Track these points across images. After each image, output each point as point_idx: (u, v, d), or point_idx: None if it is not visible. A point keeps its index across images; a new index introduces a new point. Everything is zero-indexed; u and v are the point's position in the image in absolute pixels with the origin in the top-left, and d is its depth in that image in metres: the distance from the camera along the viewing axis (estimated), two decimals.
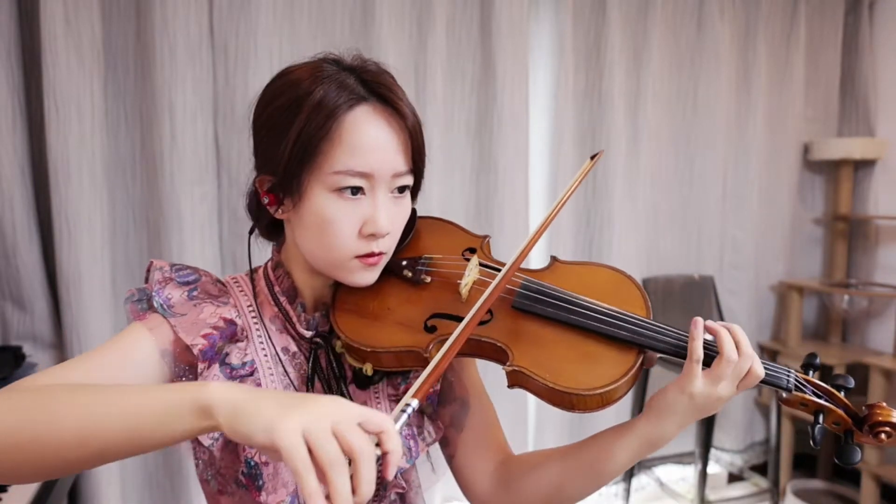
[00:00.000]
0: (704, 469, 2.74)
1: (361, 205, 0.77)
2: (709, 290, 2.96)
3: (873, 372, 2.59)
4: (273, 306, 0.85)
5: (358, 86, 0.77)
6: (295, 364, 0.85)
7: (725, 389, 0.76)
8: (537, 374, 0.76)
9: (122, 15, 2.04)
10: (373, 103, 0.77)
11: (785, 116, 3.04)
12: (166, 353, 0.77)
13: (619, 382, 0.76)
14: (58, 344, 2.07)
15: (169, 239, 2.07)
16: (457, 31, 2.45)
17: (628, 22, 2.71)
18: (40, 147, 2.00)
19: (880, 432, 0.77)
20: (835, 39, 3.11)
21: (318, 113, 0.75)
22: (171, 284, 0.81)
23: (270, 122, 0.79)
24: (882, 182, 3.06)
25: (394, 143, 0.78)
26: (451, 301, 0.84)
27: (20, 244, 1.96)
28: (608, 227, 2.72)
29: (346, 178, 0.76)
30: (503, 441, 0.96)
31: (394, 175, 0.78)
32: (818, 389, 0.80)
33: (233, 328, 0.81)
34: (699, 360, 0.76)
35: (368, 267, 0.80)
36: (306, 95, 0.76)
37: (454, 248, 0.92)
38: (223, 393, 0.59)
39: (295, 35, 2.22)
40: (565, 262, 0.91)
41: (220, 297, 0.83)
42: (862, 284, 3.03)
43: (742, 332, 0.78)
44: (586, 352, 0.79)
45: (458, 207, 2.52)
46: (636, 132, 2.76)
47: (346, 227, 0.77)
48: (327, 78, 0.77)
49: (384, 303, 0.85)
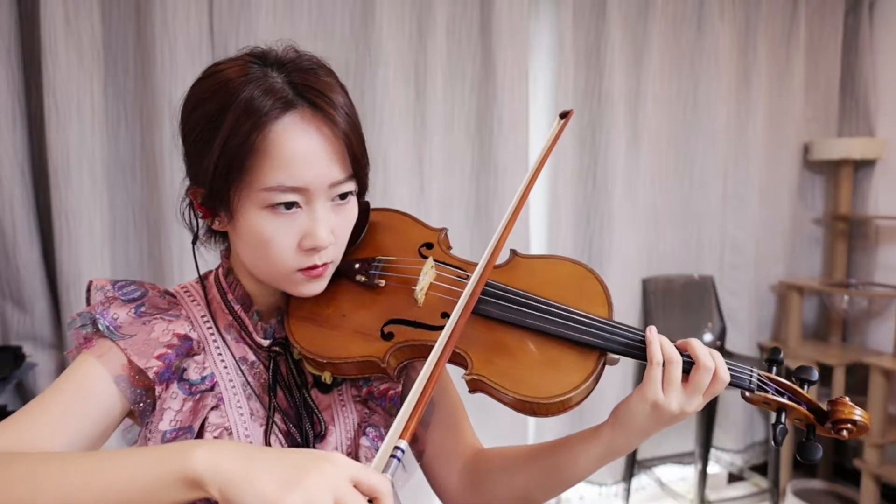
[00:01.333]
0: (704, 469, 2.74)
1: (298, 218, 0.72)
2: (709, 290, 2.96)
3: (873, 372, 2.59)
4: (227, 314, 0.82)
5: (286, 88, 0.71)
6: (254, 373, 0.81)
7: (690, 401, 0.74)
8: (497, 383, 0.74)
9: (122, 15, 2.04)
10: (301, 109, 0.71)
11: (785, 116, 3.04)
12: (120, 380, 0.73)
13: (579, 389, 0.74)
14: (58, 344, 2.07)
15: (169, 239, 2.07)
16: (457, 31, 2.45)
17: (628, 22, 2.71)
18: (40, 147, 2.00)
19: (842, 429, 0.76)
20: (835, 39, 3.11)
21: (242, 124, 0.69)
22: (115, 304, 0.77)
23: (195, 132, 0.73)
24: (882, 182, 3.06)
25: (327, 152, 0.71)
26: (408, 306, 0.81)
27: (20, 244, 1.96)
28: (608, 227, 2.72)
29: (277, 194, 0.70)
30: (471, 437, 0.94)
31: (331, 185, 0.73)
32: (780, 387, 0.79)
33: (188, 343, 0.77)
34: (659, 364, 0.74)
35: (313, 279, 0.77)
36: (229, 103, 0.69)
37: (410, 245, 0.88)
38: (212, 460, 0.55)
39: (295, 35, 2.21)
40: (525, 256, 0.88)
41: (171, 311, 0.79)
42: (862, 284, 3.03)
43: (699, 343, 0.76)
44: (547, 357, 0.77)
45: (457, 207, 2.52)
46: (636, 132, 2.76)
47: (284, 243, 0.73)
48: (254, 81, 0.70)
49: (339, 309, 0.82)
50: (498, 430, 2.52)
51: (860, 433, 0.76)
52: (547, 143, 0.88)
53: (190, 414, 0.74)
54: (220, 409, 0.77)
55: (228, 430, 0.76)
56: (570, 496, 2.86)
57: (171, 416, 0.74)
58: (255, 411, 0.79)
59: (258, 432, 0.78)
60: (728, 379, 0.75)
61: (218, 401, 0.77)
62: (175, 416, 0.74)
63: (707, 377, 0.74)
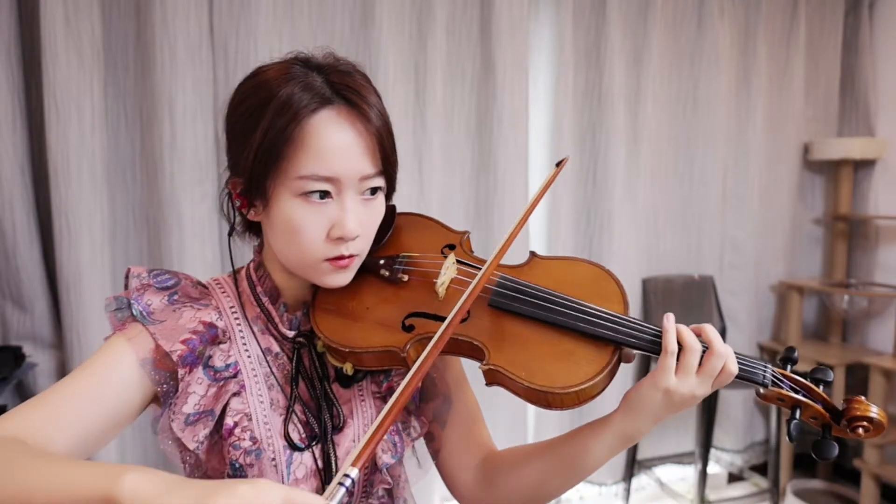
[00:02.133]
0: (704, 469, 2.74)
1: (329, 208, 0.77)
2: (709, 290, 2.96)
3: (873, 372, 2.59)
4: (255, 307, 0.85)
5: (324, 87, 0.76)
6: (278, 364, 0.84)
7: (700, 386, 0.76)
8: (513, 372, 0.76)
9: (122, 15, 2.04)
10: (338, 106, 0.76)
11: (785, 116, 3.04)
12: (146, 362, 0.76)
13: (594, 380, 0.76)
14: (58, 344, 2.07)
15: (169, 239, 2.07)
16: (457, 31, 2.45)
17: (628, 22, 2.71)
18: (40, 147, 2.00)
19: (858, 427, 0.76)
20: (835, 39, 3.11)
21: (281, 116, 0.74)
22: (149, 291, 0.81)
23: (238, 125, 0.79)
24: (882, 182, 3.06)
25: (360, 146, 0.76)
26: (429, 300, 0.84)
27: (20, 244, 1.96)
28: (608, 226, 2.72)
29: (310, 182, 0.75)
30: (486, 437, 0.97)
31: (361, 178, 0.78)
32: (796, 384, 0.79)
33: (213, 331, 0.80)
34: (673, 353, 0.76)
35: (340, 269, 0.80)
36: (271, 98, 0.75)
37: (433, 245, 0.92)
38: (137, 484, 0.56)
39: (295, 35, 2.22)
40: (544, 257, 0.91)
41: (201, 300, 0.83)
42: (862, 284, 3.03)
43: (713, 329, 0.78)
44: (562, 349, 0.79)
45: (457, 207, 2.52)
46: (636, 132, 2.76)
47: (314, 231, 0.77)
48: (294, 79, 0.76)
49: (363, 302, 0.85)
50: (497, 429, 2.52)
51: (877, 432, 0.76)
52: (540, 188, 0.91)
53: (213, 399, 0.78)
54: (242, 396, 0.80)
55: (248, 416, 0.79)
56: (571, 496, 2.86)
57: (195, 400, 0.77)
58: (275, 401, 0.82)
59: (277, 422, 0.81)
60: (736, 371, 0.77)
61: (240, 388, 0.80)
62: (199, 400, 0.77)
63: (720, 363, 0.76)
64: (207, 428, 0.76)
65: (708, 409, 2.76)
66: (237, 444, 0.77)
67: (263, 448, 0.78)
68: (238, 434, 0.77)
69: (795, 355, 0.84)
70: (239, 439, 0.77)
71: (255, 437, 0.78)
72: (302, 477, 0.81)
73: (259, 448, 0.78)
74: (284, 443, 0.80)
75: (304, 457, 0.81)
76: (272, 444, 0.79)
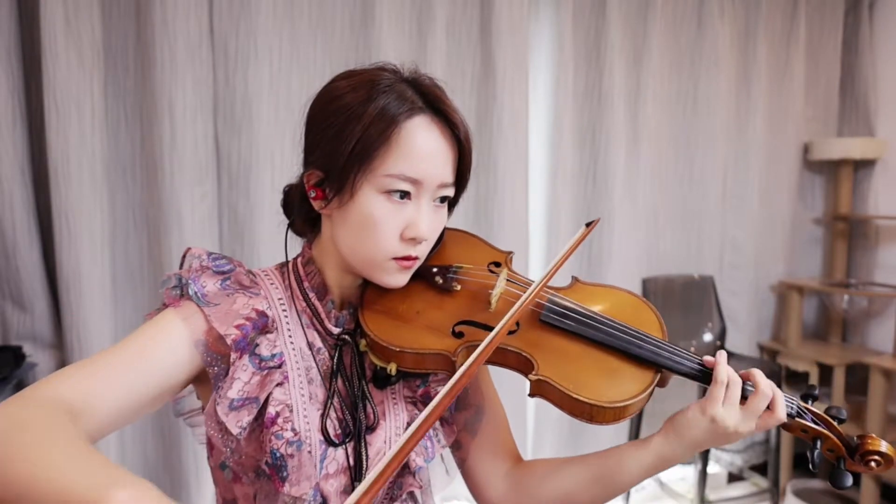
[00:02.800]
0: (704, 469, 2.74)
1: (406, 209, 0.81)
2: (709, 290, 2.96)
3: (873, 372, 2.59)
4: (302, 301, 0.87)
5: (416, 97, 0.81)
6: (320, 359, 0.86)
7: (744, 423, 0.81)
8: (561, 384, 0.80)
9: (122, 15, 2.04)
10: (429, 114, 0.81)
11: (785, 116, 3.04)
12: (199, 343, 0.78)
13: (637, 398, 0.80)
14: (58, 344, 2.07)
15: (169, 239, 2.07)
16: (457, 31, 2.45)
17: (628, 22, 2.71)
18: (40, 147, 2.00)
19: (870, 461, 0.83)
20: (835, 39, 3.11)
21: (380, 119, 0.79)
22: (206, 273, 0.82)
23: (330, 121, 0.82)
24: (882, 182, 3.06)
25: (445, 154, 0.82)
26: (480, 310, 0.88)
27: (20, 244, 1.96)
28: (608, 226, 2.72)
29: (397, 181, 0.79)
30: (514, 447, 0.99)
31: (440, 185, 0.82)
32: (817, 417, 0.85)
33: (264, 319, 0.82)
34: (723, 384, 0.81)
35: (403, 269, 0.84)
36: (369, 101, 0.79)
37: (481, 260, 0.96)
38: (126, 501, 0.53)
39: (295, 35, 2.22)
40: (586, 282, 0.96)
41: (252, 289, 0.84)
42: (862, 284, 3.03)
43: (760, 373, 0.83)
44: (608, 367, 0.83)
45: (457, 207, 2.51)
46: (636, 132, 2.76)
47: (390, 228, 0.80)
48: (389, 87, 0.81)
49: (413, 306, 0.88)
50: None
51: (888, 466, 0.83)
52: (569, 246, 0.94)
53: (257, 387, 0.79)
54: (284, 387, 0.81)
55: (290, 408, 0.80)
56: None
57: (239, 386, 0.78)
58: (314, 395, 0.84)
59: (315, 416, 0.82)
60: (784, 418, 0.83)
61: (283, 378, 0.81)
62: (243, 386, 0.78)
63: (764, 403, 0.81)
64: (251, 415, 0.77)
65: None
66: (280, 433, 0.78)
67: (303, 440, 0.79)
68: (280, 424, 0.78)
69: (816, 392, 0.89)
70: (281, 429, 0.78)
71: (294, 428, 0.79)
72: (333, 472, 0.82)
73: (300, 440, 0.79)
74: (321, 437, 0.81)
75: (338, 453, 0.82)
76: (309, 437, 0.80)
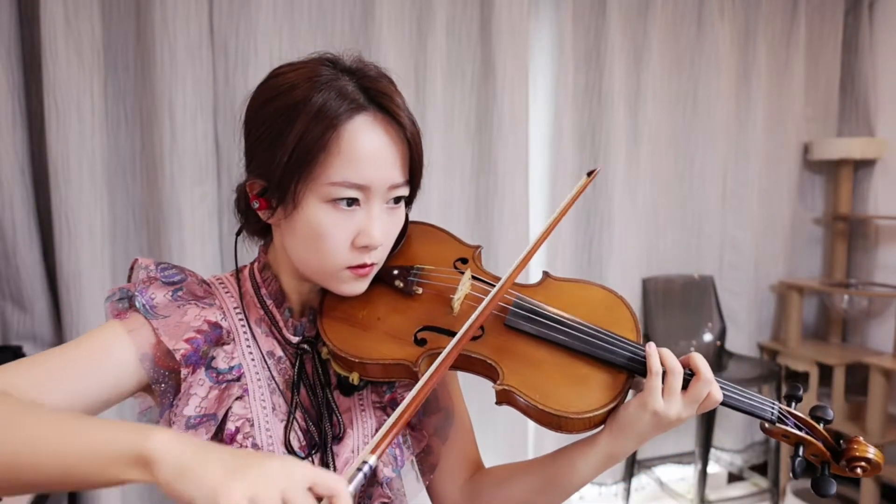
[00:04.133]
0: (704, 469, 2.74)
1: (356, 216, 0.75)
2: (709, 290, 2.96)
3: (873, 372, 2.59)
4: (259, 309, 0.83)
5: (358, 93, 0.74)
6: (280, 369, 0.82)
7: (686, 409, 0.77)
8: (526, 394, 0.76)
9: (122, 15, 2.04)
10: (372, 112, 0.75)
11: (785, 116, 3.04)
12: (146, 358, 0.74)
13: (607, 407, 0.77)
14: (58, 343, 2.06)
15: (169, 239, 2.07)
16: (457, 31, 2.45)
17: (628, 22, 2.71)
18: (40, 147, 2.00)
19: (856, 467, 0.79)
20: (835, 39, 3.11)
21: (317, 122, 0.72)
22: (155, 284, 0.78)
23: (264, 126, 0.76)
24: (882, 182, 3.06)
25: (392, 154, 0.75)
26: (442, 314, 0.83)
27: (20, 244, 1.96)
28: (608, 227, 2.72)
29: (341, 189, 0.73)
30: (476, 453, 0.97)
31: (390, 187, 0.77)
32: (800, 422, 0.82)
33: (218, 331, 0.79)
34: (658, 373, 0.76)
35: (359, 278, 0.79)
36: (304, 101, 0.73)
37: (446, 258, 0.90)
38: (169, 444, 0.56)
39: (295, 35, 2.22)
40: (557, 278, 0.90)
41: (205, 299, 0.81)
42: (862, 284, 3.03)
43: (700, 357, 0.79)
44: (576, 374, 0.79)
45: (457, 208, 2.52)
46: (636, 132, 2.76)
47: (339, 238, 0.75)
48: (326, 83, 0.74)
49: (374, 312, 0.83)
50: (498, 442, 2.51)
51: (874, 471, 0.79)
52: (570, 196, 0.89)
53: (215, 402, 0.76)
54: (245, 400, 0.78)
55: (250, 422, 0.77)
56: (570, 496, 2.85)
57: (196, 402, 0.75)
58: (277, 406, 0.80)
59: (278, 427, 0.79)
60: (720, 398, 0.79)
61: (243, 391, 0.78)
62: (200, 402, 0.75)
63: (706, 389, 0.77)
64: (209, 433, 0.75)
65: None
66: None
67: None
68: (240, 440, 0.76)
69: (800, 393, 0.86)
70: (241, 445, 0.76)
71: (256, 443, 0.77)
72: None
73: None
74: (285, 450, 0.78)
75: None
76: (273, 451, 0.78)
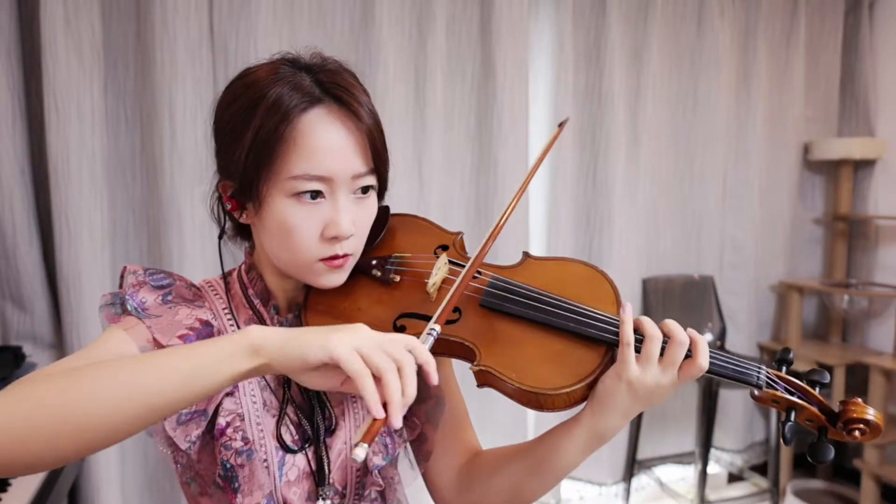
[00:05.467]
0: (704, 469, 2.74)
1: (322, 208, 0.76)
2: (709, 290, 2.96)
3: (873, 372, 2.59)
4: (248, 309, 0.85)
5: (313, 86, 0.76)
6: None
7: (664, 376, 0.75)
8: (504, 373, 0.75)
9: (122, 15, 2.04)
10: (328, 104, 0.76)
11: (785, 116, 3.04)
12: (145, 350, 0.76)
13: (585, 381, 0.75)
14: (58, 344, 2.07)
15: (169, 239, 2.07)
16: (457, 31, 2.45)
17: (628, 22, 2.71)
18: (40, 147, 2.00)
19: (854, 429, 0.74)
20: (835, 39, 3.11)
21: (272, 117, 0.73)
22: (144, 288, 0.81)
23: (227, 127, 0.79)
24: (882, 182, 3.06)
25: (351, 144, 0.76)
26: (421, 301, 0.83)
27: (20, 244, 1.96)
28: (608, 227, 2.72)
29: (303, 182, 0.74)
30: (472, 439, 0.96)
31: (353, 177, 0.77)
32: (791, 386, 0.78)
33: (209, 329, 0.80)
34: (630, 343, 0.75)
35: (334, 269, 0.80)
36: (260, 98, 0.75)
37: (426, 245, 0.91)
38: (267, 333, 0.64)
39: (295, 35, 2.22)
40: (537, 257, 0.90)
41: (195, 301, 0.83)
42: (862, 284, 3.03)
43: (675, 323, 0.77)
44: (554, 350, 0.78)
45: (457, 207, 2.52)
46: (636, 132, 2.76)
47: (308, 231, 0.76)
48: (282, 79, 0.75)
49: (355, 303, 0.84)
50: (497, 429, 2.51)
51: (874, 435, 0.75)
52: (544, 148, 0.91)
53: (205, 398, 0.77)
54: (235, 396, 0.80)
55: (240, 417, 0.79)
56: (570, 496, 2.86)
57: None
58: (268, 402, 0.82)
59: (270, 422, 0.81)
60: (706, 363, 0.76)
61: (233, 388, 0.80)
62: None
63: (681, 351, 0.75)
64: (200, 428, 0.76)
65: (708, 409, 2.76)
66: (228, 444, 0.77)
67: (255, 449, 0.78)
68: (230, 434, 0.77)
69: (791, 356, 0.82)
70: (230, 439, 0.77)
71: (246, 437, 0.78)
72: (294, 479, 0.80)
73: (251, 449, 0.77)
74: (276, 444, 0.80)
75: (297, 459, 0.81)
76: (264, 445, 0.79)
